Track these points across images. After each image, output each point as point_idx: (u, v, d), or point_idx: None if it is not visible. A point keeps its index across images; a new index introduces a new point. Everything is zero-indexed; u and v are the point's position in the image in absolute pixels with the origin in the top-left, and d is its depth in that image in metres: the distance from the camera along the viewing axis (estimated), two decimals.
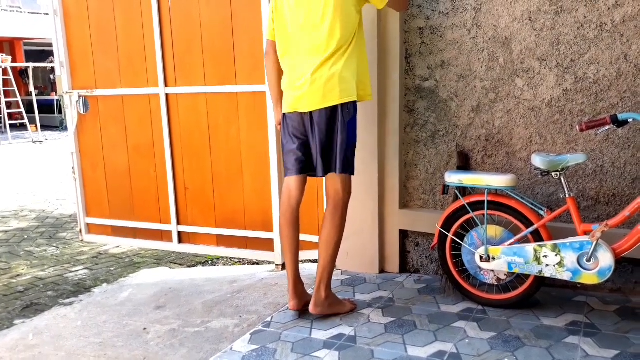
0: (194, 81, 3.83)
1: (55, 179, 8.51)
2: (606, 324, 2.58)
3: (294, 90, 2.72)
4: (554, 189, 2.99)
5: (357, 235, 3.36)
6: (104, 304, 3.44)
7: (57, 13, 4.18)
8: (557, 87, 2.91)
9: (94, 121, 4.26)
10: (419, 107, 3.26)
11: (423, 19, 3.16)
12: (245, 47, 3.63)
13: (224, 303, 3.25)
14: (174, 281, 3.79)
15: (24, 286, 3.99)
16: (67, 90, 4.27)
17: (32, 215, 6.30)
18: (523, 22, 2.93)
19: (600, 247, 2.50)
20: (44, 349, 2.86)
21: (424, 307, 2.88)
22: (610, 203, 2.90)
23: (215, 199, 3.92)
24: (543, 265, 2.62)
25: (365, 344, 2.51)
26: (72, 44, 4.22)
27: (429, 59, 3.18)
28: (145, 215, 4.20)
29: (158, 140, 4.02)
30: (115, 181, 4.28)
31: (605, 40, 2.78)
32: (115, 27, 4.04)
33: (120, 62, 4.07)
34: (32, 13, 19.24)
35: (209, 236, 4.00)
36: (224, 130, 3.80)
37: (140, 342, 2.83)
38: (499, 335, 2.53)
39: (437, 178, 3.28)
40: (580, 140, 2.90)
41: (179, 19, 3.80)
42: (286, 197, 2.85)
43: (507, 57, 2.99)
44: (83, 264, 4.46)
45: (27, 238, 5.35)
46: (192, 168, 3.96)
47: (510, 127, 3.04)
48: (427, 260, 3.38)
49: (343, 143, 2.67)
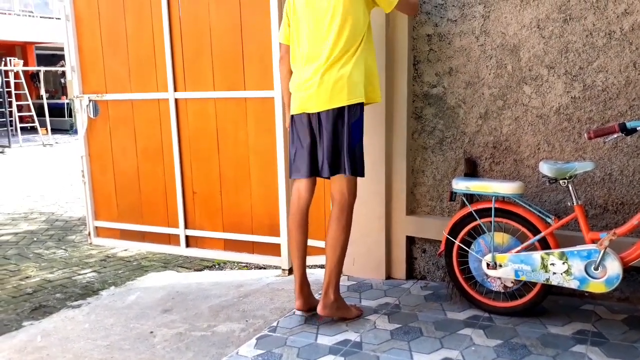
0: (203, 86, 3.86)
1: (65, 182, 8.58)
2: (614, 333, 2.57)
3: (303, 91, 2.74)
4: (562, 196, 2.98)
5: (363, 241, 3.36)
6: (111, 306, 3.46)
7: (69, 18, 4.23)
8: (565, 95, 2.90)
9: (103, 125, 4.30)
10: (427, 114, 3.27)
11: (431, 26, 3.17)
12: (254, 53, 3.65)
13: (231, 307, 3.26)
14: (181, 285, 3.81)
15: (32, 288, 4.02)
16: (78, 94, 4.31)
17: (42, 217, 6.35)
18: (531, 30, 2.93)
19: (608, 256, 2.49)
20: (52, 350, 2.88)
21: (430, 313, 2.88)
22: (618, 211, 2.88)
23: (223, 203, 3.93)
24: (550, 273, 2.61)
25: (371, 350, 2.51)
26: (83, 48, 4.27)
27: (437, 65, 3.19)
28: (153, 218, 4.22)
29: (167, 145, 4.04)
30: (124, 185, 4.31)
31: (614, 48, 2.77)
32: (125, 32, 4.08)
33: (130, 67, 4.11)
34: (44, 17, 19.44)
35: (216, 240, 4.02)
36: (232, 135, 3.82)
37: (147, 345, 2.85)
38: (506, 343, 2.52)
39: (445, 185, 3.28)
40: (588, 148, 2.90)
41: (189, 25, 3.83)
42: (295, 199, 2.86)
43: (515, 65, 2.99)
44: (91, 267, 4.49)
45: (36, 240, 5.39)
46: (200, 172, 3.98)
47: (518, 134, 3.04)
48: (434, 266, 3.37)
49: (348, 144, 2.68)
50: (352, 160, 2.70)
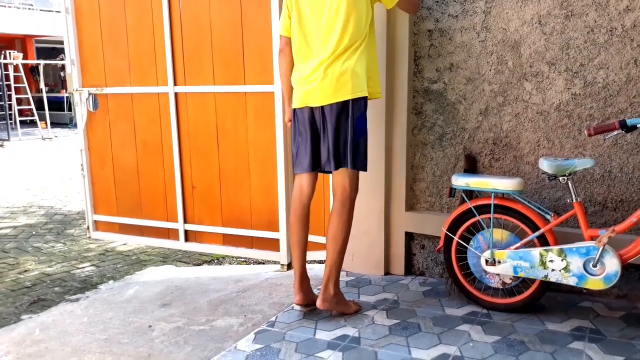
0: (203, 80, 3.85)
1: (64, 176, 8.57)
2: (611, 330, 2.57)
3: (306, 84, 2.72)
4: (561, 193, 2.98)
5: (362, 237, 3.36)
6: (110, 300, 3.46)
7: (69, 11, 4.21)
8: (566, 91, 2.90)
9: (103, 119, 4.29)
10: (427, 109, 3.26)
11: (432, 22, 3.16)
12: (254, 48, 3.64)
13: (229, 302, 3.26)
14: (180, 279, 3.81)
15: (31, 282, 4.02)
16: (78, 87, 4.30)
17: (41, 211, 6.35)
18: (533, 26, 2.92)
19: (607, 253, 2.49)
20: (50, 344, 2.88)
21: (429, 309, 2.88)
22: (617, 208, 2.88)
23: (222, 198, 3.93)
24: (549, 270, 2.61)
25: (369, 346, 2.52)
26: (83, 42, 4.26)
27: (438, 61, 3.18)
28: (152, 213, 4.22)
29: (166, 139, 4.04)
30: (123, 179, 4.31)
31: (615, 45, 2.77)
32: (125, 25, 4.06)
33: (130, 61, 4.10)
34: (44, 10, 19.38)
35: (215, 235, 4.02)
36: (232, 129, 3.81)
37: (145, 339, 2.85)
38: (504, 339, 2.52)
39: (444, 181, 3.27)
40: (588, 145, 2.89)
41: (189, 19, 3.82)
42: (297, 193, 2.86)
43: (516, 61, 2.99)
44: (90, 261, 4.49)
45: (35, 234, 5.39)
46: (200, 167, 3.98)
47: (518, 130, 3.04)
48: (433, 262, 3.37)
49: (352, 138, 2.67)
50: (355, 154, 2.69)
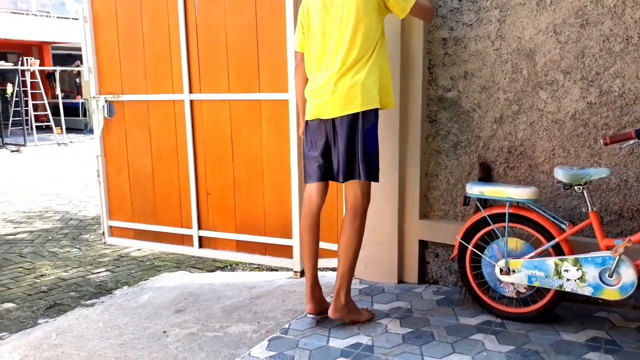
0: (218, 88, 3.88)
1: (80, 182, 8.66)
2: (627, 341, 2.54)
3: (317, 97, 2.75)
4: (577, 202, 2.96)
5: (376, 245, 3.37)
6: (124, 306, 3.49)
7: (87, 20, 4.28)
8: (581, 100, 2.89)
9: (119, 126, 4.34)
10: (441, 118, 3.26)
11: (447, 30, 3.17)
12: (268, 56, 3.67)
13: (243, 308, 3.27)
14: (194, 285, 3.83)
15: (47, 286, 4.07)
16: (94, 95, 4.35)
17: (57, 216, 6.42)
18: (548, 35, 2.92)
19: (623, 263, 2.47)
20: (67, 348, 2.91)
21: (442, 318, 2.87)
22: (633, 218, 2.86)
23: (236, 204, 3.95)
24: (564, 280, 2.60)
25: (383, 354, 2.51)
26: (100, 49, 4.31)
27: (452, 69, 3.19)
28: (167, 219, 4.26)
29: (181, 146, 4.08)
30: (138, 185, 4.35)
31: (632, 54, 2.75)
32: (142, 34, 4.12)
33: (146, 68, 4.15)
34: (61, 17, 19.66)
35: (229, 241, 4.04)
36: (246, 137, 3.84)
37: (160, 345, 2.87)
38: (518, 349, 2.51)
39: (458, 189, 3.27)
40: (604, 154, 2.88)
41: (205, 27, 3.86)
42: (307, 202, 2.89)
43: (530, 69, 2.98)
44: (105, 266, 4.53)
45: (51, 239, 5.45)
46: (214, 174, 4.01)
47: (533, 139, 3.03)
48: (447, 271, 3.36)
49: (363, 150, 2.69)
50: (367, 166, 2.70)
